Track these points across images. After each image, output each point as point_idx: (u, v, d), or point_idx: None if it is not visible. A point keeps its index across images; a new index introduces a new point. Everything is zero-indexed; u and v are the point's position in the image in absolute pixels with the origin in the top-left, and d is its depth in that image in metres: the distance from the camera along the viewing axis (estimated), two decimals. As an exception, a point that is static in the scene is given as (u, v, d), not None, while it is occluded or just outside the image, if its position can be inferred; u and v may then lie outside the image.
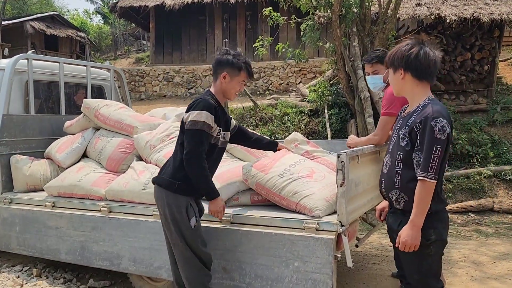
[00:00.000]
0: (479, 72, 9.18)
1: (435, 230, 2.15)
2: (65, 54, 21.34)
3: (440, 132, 2.00)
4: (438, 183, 2.11)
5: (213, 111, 2.57)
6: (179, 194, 2.59)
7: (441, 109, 2.10)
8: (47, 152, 4.25)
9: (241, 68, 2.69)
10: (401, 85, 2.25)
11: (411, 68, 2.16)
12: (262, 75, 13.64)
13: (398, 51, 2.20)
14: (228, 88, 2.72)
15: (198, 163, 2.52)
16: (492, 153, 7.20)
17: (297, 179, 2.80)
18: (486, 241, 4.92)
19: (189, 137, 2.55)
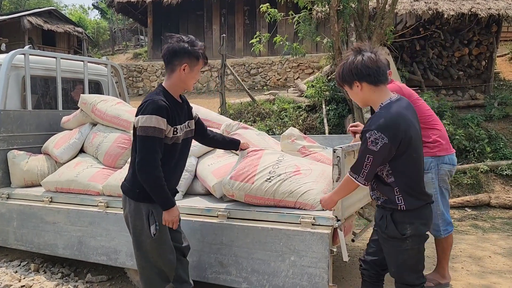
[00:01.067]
0: (476, 68, 9.20)
1: (412, 225, 2.20)
2: (62, 50, 21.25)
3: (372, 144, 2.08)
4: (417, 182, 2.21)
5: (164, 113, 2.37)
6: (140, 201, 2.47)
7: (387, 118, 2.11)
8: (44, 147, 4.25)
9: (199, 57, 2.49)
10: (362, 96, 2.26)
11: (364, 76, 2.18)
12: (260, 71, 13.62)
13: (344, 68, 2.23)
14: (188, 79, 2.51)
15: (150, 172, 2.36)
16: (489, 148, 7.24)
17: (287, 179, 2.77)
18: (483, 236, 4.95)
19: (140, 144, 2.36)
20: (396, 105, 2.17)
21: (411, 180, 2.19)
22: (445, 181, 3.34)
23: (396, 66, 8.32)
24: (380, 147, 2.06)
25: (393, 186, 2.19)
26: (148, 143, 2.34)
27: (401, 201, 2.17)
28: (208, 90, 13.60)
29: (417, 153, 2.20)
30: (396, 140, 2.08)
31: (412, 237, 2.20)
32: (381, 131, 2.06)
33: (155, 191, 2.40)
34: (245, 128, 3.67)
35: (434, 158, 3.27)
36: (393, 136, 2.07)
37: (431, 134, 3.32)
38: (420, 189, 2.23)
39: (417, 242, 2.24)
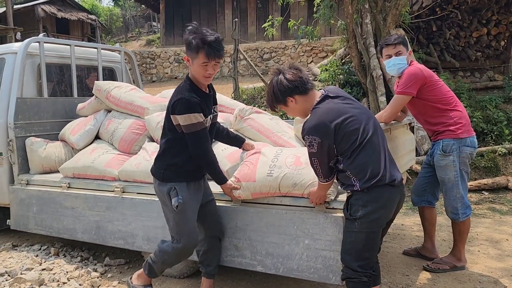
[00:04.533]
0: (495, 48, 8.95)
1: (364, 208, 2.24)
2: (76, 37, 21.40)
3: (310, 147, 2.26)
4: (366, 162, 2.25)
5: (198, 108, 2.51)
6: (165, 181, 2.67)
7: (313, 120, 2.28)
8: (61, 134, 4.32)
9: (199, 49, 2.44)
10: (299, 108, 2.41)
11: (292, 90, 2.35)
12: (273, 55, 13.52)
13: (273, 91, 2.39)
14: (195, 73, 2.56)
15: (205, 159, 2.64)
16: (507, 130, 7.08)
17: (288, 172, 2.68)
18: (500, 219, 4.90)
19: (189, 140, 2.57)
20: (322, 104, 2.33)
21: (359, 161, 2.24)
22: (466, 164, 3.30)
23: (412, 48, 8.16)
24: (317, 147, 2.23)
25: (344, 171, 2.28)
26: (195, 137, 2.56)
27: (356, 182, 2.25)
28: (221, 76, 13.57)
29: (359, 135, 2.25)
30: (328, 135, 2.22)
31: (362, 219, 2.25)
32: (311, 134, 2.24)
33: (211, 170, 2.70)
34: (258, 113, 3.66)
35: (456, 140, 3.23)
36: (324, 133, 2.22)
37: (453, 115, 3.27)
38: (373, 169, 2.24)
39: (366, 226, 2.26)
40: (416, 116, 3.53)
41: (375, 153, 2.28)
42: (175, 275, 3.35)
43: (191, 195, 2.67)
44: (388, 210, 2.33)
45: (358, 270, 2.28)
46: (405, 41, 3.35)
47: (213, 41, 2.43)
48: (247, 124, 3.54)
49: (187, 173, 2.67)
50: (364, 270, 2.28)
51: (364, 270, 2.28)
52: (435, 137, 3.36)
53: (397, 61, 3.32)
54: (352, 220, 2.28)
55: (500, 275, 3.36)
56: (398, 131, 3.61)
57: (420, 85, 3.23)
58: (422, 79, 3.23)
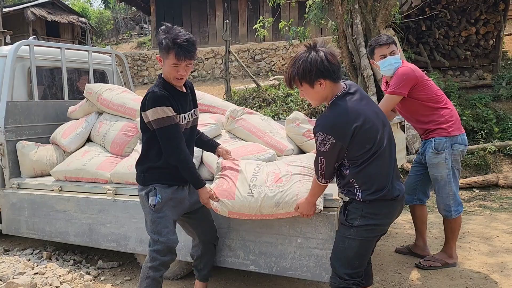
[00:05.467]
0: (484, 47, 9.06)
1: (363, 218, 2.15)
2: (66, 40, 21.28)
3: (321, 145, 2.09)
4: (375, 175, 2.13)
5: (166, 102, 2.41)
6: (146, 184, 2.59)
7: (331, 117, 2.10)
8: (52, 137, 4.30)
9: (169, 49, 2.36)
10: (322, 95, 2.16)
11: (329, 74, 2.09)
12: (264, 56, 13.55)
13: (305, 66, 2.09)
14: (166, 74, 2.48)
15: (177, 157, 2.47)
16: (497, 128, 7.17)
17: (269, 191, 2.52)
18: (491, 215, 4.95)
19: (159, 136, 2.46)
20: (345, 100, 2.11)
21: (367, 172, 2.12)
22: (458, 162, 3.34)
23: (402, 47, 8.23)
24: (329, 147, 2.07)
25: (349, 178, 2.16)
26: (165, 133, 2.43)
27: (359, 192, 2.15)
28: (213, 77, 13.57)
29: (374, 144, 2.10)
30: (345, 137, 2.05)
31: (359, 227, 2.16)
32: (326, 132, 2.05)
33: (186, 172, 2.52)
34: (250, 113, 3.67)
35: (448, 138, 3.26)
36: (341, 135, 2.04)
37: (443, 113, 3.31)
38: (379, 182, 2.14)
39: (362, 234, 2.17)
40: (406, 116, 3.55)
41: (385, 166, 2.16)
42: (169, 276, 3.35)
43: (173, 197, 2.57)
44: (387, 223, 2.26)
45: (346, 279, 2.21)
46: (394, 41, 3.40)
47: (184, 42, 2.34)
48: (239, 125, 3.55)
49: (171, 175, 2.56)
50: (351, 279, 2.21)
51: (351, 279, 2.21)
52: (427, 136, 3.39)
53: (393, 60, 3.34)
54: (348, 227, 2.20)
55: (491, 271, 3.40)
56: (389, 130, 3.63)
57: (412, 85, 3.27)
58: (414, 79, 3.26)
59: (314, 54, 2.09)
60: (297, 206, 2.44)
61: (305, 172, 2.62)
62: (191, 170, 2.53)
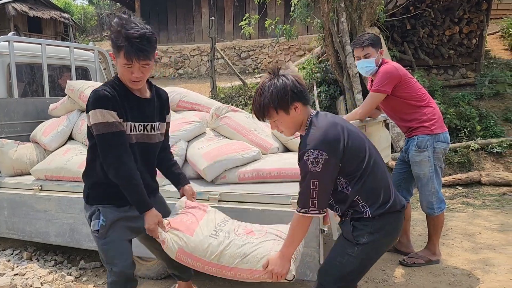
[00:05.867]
0: (467, 46, 9.18)
1: (371, 235, 1.98)
2: (49, 36, 20.91)
3: (313, 165, 1.86)
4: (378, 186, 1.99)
5: (108, 104, 2.03)
6: (90, 203, 2.24)
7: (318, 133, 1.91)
8: (32, 135, 4.20)
9: (119, 47, 1.99)
10: (297, 119, 2.00)
11: (302, 96, 1.97)
12: (250, 54, 13.52)
13: (276, 91, 1.93)
14: (119, 73, 2.12)
15: (117, 172, 2.07)
16: (479, 126, 7.27)
17: (238, 239, 2.18)
18: (474, 212, 5.01)
19: (99, 145, 2.09)
20: (321, 118, 2.00)
21: (370, 184, 1.98)
22: (440, 159, 3.37)
23: (387, 46, 8.28)
24: (323, 165, 1.85)
25: (352, 196, 1.98)
26: (103, 141, 2.06)
27: (366, 208, 1.98)
28: (198, 75, 13.50)
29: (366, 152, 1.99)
30: (337, 151, 1.88)
31: (364, 245, 1.99)
32: (317, 148, 1.86)
33: (127, 191, 2.10)
34: (234, 111, 3.64)
35: (430, 136, 3.28)
36: (333, 149, 1.87)
37: (426, 111, 3.33)
38: (384, 193, 2.01)
39: (366, 253, 2.01)
40: (390, 114, 3.57)
41: (384, 176, 2.05)
42: (152, 276, 3.31)
43: (123, 216, 2.21)
44: (393, 238, 2.11)
45: None
46: (375, 42, 3.37)
47: (136, 39, 1.95)
48: (224, 123, 3.52)
49: (120, 194, 2.12)
50: None
51: None
52: (410, 134, 3.41)
53: (365, 64, 3.38)
54: (352, 244, 2.00)
55: (473, 268, 3.44)
56: (374, 128, 3.65)
57: (395, 83, 3.28)
58: (397, 77, 3.28)
59: (283, 78, 1.96)
60: (266, 263, 2.06)
61: (282, 236, 2.21)
62: (134, 189, 2.10)
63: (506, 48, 10.36)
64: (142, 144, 2.21)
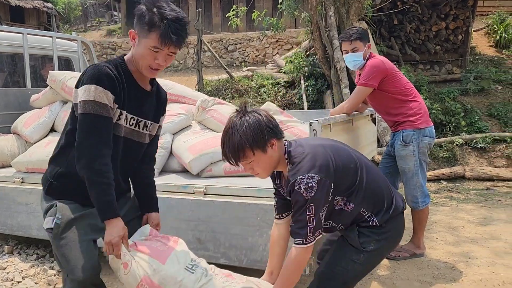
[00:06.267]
0: (453, 42, 9.27)
1: (378, 242, 1.92)
2: (31, 26, 20.44)
3: (307, 191, 1.72)
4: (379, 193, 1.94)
5: (107, 83, 1.74)
6: (49, 195, 1.92)
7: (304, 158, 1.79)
8: (13, 127, 4.10)
9: (153, 26, 1.72)
10: (275, 158, 1.86)
11: (277, 131, 1.84)
12: (238, 47, 13.44)
13: (251, 129, 1.75)
14: (137, 57, 1.81)
15: (87, 163, 1.73)
16: (464, 122, 7.36)
17: (216, 280, 1.93)
18: (457, 207, 5.07)
19: (80, 125, 1.74)
20: (298, 146, 1.87)
21: (370, 192, 1.91)
22: (425, 154, 3.38)
23: (374, 41, 8.30)
24: (317, 187, 1.72)
25: (356, 210, 1.90)
26: (86, 123, 1.72)
27: (372, 217, 1.92)
28: (185, 68, 13.37)
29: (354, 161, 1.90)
30: (329, 171, 1.77)
31: (371, 252, 1.92)
32: (307, 172, 1.73)
33: (93, 187, 1.74)
34: (221, 104, 3.60)
35: (415, 130, 3.29)
36: (324, 171, 1.75)
37: (412, 106, 3.34)
38: (386, 197, 1.96)
39: (371, 260, 1.97)
40: (376, 108, 3.57)
41: (380, 178, 1.98)
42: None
43: (83, 216, 1.89)
44: (397, 241, 2.07)
45: None
46: (363, 36, 3.35)
47: (175, 21, 1.72)
48: (210, 116, 3.48)
49: (84, 191, 1.77)
50: None
51: None
52: (395, 128, 3.42)
53: (353, 58, 3.37)
54: (358, 250, 1.93)
55: (456, 261, 3.48)
56: (360, 122, 3.65)
57: (382, 77, 3.28)
58: (384, 71, 3.28)
59: (255, 114, 1.79)
60: None
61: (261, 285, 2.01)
62: (103, 188, 1.74)
63: (491, 44, 10.49)
64: (128, 141, 1.93)
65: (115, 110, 1.80)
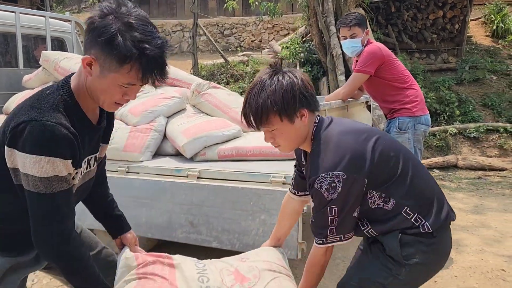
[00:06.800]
0: (450, 31, 9.23)
1: (424, 255, 1.55)
2: (24, 6, 20.10)
3: (330, 192, 1.47)
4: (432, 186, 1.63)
5: (66, 151, 1.33)
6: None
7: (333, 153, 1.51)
8: (5, 107, 4.04)
9: (129, 58, 1.27)
10: (302, 132, 1.59)
11: (312, 101, 1.57)
12: (234, 31, 13.31)
13: (282, 92, 1.49)
14: (97, 91, 1.38)
15: (60, 257, 1.40)
16: (458, 111, 7.38)
17: None
18: (449, 195, 5.11)
19: (34, 208, 1.35)
20: (334, 122, 1.62)
21: (418, 185, 1.57)
22: (420, 142, 3.39)
23: (372, 28, 8.25)
24: (342, 187, 1.46)
25: (398, 209, 1.54)
26: (45, 205, 1.35)
27: (421, 221, 1.54)
28: (180, 51, 13.24)
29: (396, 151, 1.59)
30: (361, 170, 1.49)
31: (414, 267, 1.55)
32: (331, 170, 1.46)
33: (76, 276, 1.45)
34: (216, 88, 3.57)
35: (411, 118, 3.29)
36: (353, 169, 1.47)
37: (408, 93, 3.33)
38: (438, 197, 1.61)
39: (414, 275, 1.59)
40: (373, 94, 3.56)
41: (429, 175, 1.65)
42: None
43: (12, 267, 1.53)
44: (445, 259, 1.66)
45: None
46: (362, 21, 3.33)
47: (158, 52, 1.31)
48: (204, 99, 3.45)
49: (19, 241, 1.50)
50: None
51: None
52: (391, 115, 3.41)
53: (351, 44, 3.34)
54: (400, 264, 1.55)
55: (447, 248, 3.52)
56: (355, 109, 3.65)
57: (379, 64, 3.26)
58: (381, 58, 3.26)
59: (290, 75, 1.53)
60: None
61: (273, 267, 1.81)
62: (86, 274, 1.46)
63: (487, 34, 10.46)
64: (82, 186, 1.59)
65: (73, 174, 1.43)
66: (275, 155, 2.94)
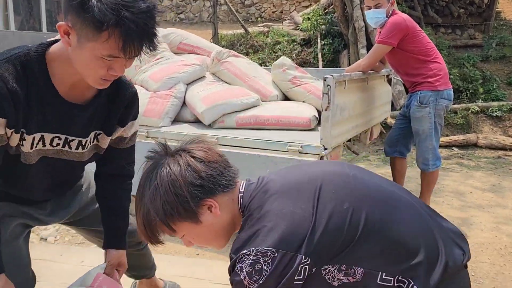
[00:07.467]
0: (478, 6, 8.89)
1: None
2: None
3: (253, 277, 1.07)
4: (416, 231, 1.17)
5: None
6: None
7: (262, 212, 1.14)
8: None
9: (107, 25, 1.10)
10: (219, 224, 1.21)
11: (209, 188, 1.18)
12: (255, 2, 13.09)
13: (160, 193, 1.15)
14: (78, 64, 1.23)
15: None
16: (482, 89, 7.21)
17: None
18: (467, 173, 5.07)
19: None
20: (262, 189, 1.21)
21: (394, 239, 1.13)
22: (441, 117, 3.34)
23: (396, 1, 8.02)
24: (270, 272, 1.05)
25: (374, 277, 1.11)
26: None
27: (410, 282, 1.11)
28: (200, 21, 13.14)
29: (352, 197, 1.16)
30: (294, 240, 1.08)
31: None
32: (254, 246, 1.09)
33: None
34: (236, 57, 3.58)
35: (433, 92, 3.24)
36: (285, 239, 1.07)
37: (432, 67, 3.27)
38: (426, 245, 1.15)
39: None
40: (395, 67, 3.51)
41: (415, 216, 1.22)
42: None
43: None
44: None
45: None
46: None
47: (141, 16, 1.14)
48: (224, 68, 3.46)
49: None
50: None
51: None
52: (413, 89, 3.37)
53: (375, 15, 3.26)
54: None
55: (460, 224, 3.52)
56: (376, 82, 3.61)
57: (402, 35, 3.20)
58: (405, 29, 3.19)
59: (167, 169, 1.15)
60: None
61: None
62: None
63: (518, 10, 10.06)
64: (55, 161, 1.45)
65: (11, 135, 1.28)
66: (292, 124, 2.96)
